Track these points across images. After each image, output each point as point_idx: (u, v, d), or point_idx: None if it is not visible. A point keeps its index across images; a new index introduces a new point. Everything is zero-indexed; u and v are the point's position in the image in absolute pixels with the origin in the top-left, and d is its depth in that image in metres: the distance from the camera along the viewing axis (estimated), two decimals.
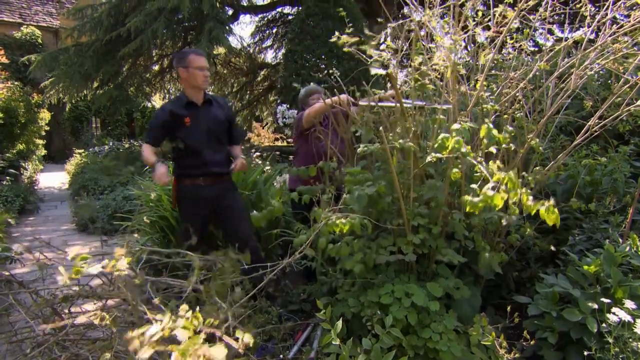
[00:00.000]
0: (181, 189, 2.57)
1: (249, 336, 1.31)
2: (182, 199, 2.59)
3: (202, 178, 2.54)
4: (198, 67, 2.43)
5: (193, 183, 2.54)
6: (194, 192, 2.54)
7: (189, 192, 2.55)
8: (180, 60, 2.46)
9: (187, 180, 2.55)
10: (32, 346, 1.47)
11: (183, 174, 2.56)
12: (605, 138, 3.08)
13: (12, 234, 4.97)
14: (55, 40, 15.37)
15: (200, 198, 2.54)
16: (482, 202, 1.27)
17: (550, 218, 1.23)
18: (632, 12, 1.93)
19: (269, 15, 11.10)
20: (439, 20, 2.00)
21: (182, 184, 2.56)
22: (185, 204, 2.59)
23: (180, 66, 2.44)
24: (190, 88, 2.48)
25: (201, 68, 2.44)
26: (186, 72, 2.43)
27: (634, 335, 1.57)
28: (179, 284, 1.69)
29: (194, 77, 2.43)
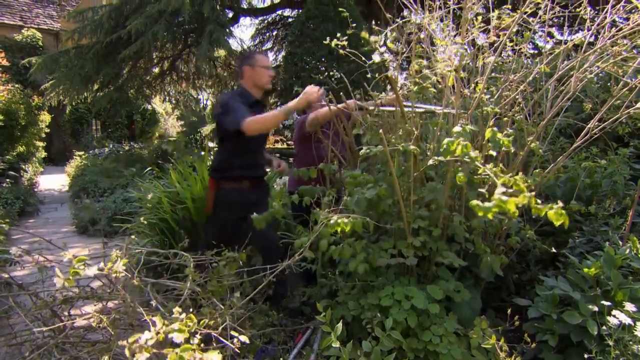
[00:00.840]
0: (222, 193, 2.45)
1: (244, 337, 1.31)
2: (221, 203, 2.45)
3: (248, 181, 2.46)
4: (264, 66, 2.42)
5: (235, 187, 2.44)
6: (237, 196, 2.44)
7: (232, 196, 2.44)
8: (246, 59, 2.46)
9: (229, 184, 2.44)
10: (32, 349, 1.46)
11: (227, 176, 2.44)
12: (605, 140, 3.08)
13: (11, 236, 4.96)
14: (55, 42, 15.41)
15: (242, 203, 2.41)
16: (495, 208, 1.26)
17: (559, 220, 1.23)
18: (631, 16, 1.94)
19: (269, 18, 11.13)
20: (439, 23, 2.00)
21: (224, 188, 2.45)
22: (223, 210, 2.44)
23: (246, 64, 2.42)
24: (253, 87, 2.45)
25: (267, 67, 2.44)
26: (252, 70, 2.40)
27: (635, 338, 1.57)
28: (178, 285, 1.69)
29: (260, 76, 2.41)
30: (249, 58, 2.46)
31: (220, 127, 2.42)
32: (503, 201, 1.23)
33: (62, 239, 5.09)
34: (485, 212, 1.29)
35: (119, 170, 7.92)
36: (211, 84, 11.42)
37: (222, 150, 2.47)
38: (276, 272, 1.79)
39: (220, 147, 2.50)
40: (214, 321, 1.41)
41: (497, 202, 1.24)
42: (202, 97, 15.22)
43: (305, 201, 2.24)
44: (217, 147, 2.52)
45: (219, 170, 2.47)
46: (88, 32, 7.43)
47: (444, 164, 1.95)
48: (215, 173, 2.49)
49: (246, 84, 2.46)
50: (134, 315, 1.45)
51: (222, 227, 2.44)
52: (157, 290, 1.79)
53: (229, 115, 2.26)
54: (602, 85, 3.39)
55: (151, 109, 15.49)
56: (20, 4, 16.09)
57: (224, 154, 2.46)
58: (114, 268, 1.34)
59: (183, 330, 1.17)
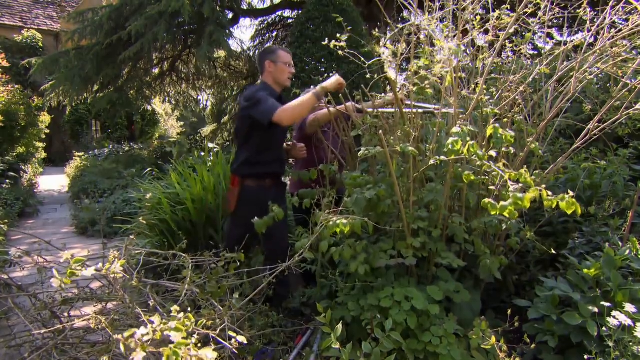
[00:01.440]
0: (247, 191, 2.41)
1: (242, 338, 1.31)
2: (246, 201, 2.40)
3: (270, 179, 2.45)
4: (286, 62, 2.39)
5: (259, 185, 2.42)
6: (262, 194, 2.39)
7: (256, 194, 2.40)
8: (269, 54, 2.41)
9: (253, 181, 2.41)
10: (31, 350, 1.46)
11: (253, 174, 2.40)
12: (605, 141, 3.09)
13: (11, 237, 4.96)
14: (55, 43, 15.42)
15: (265, 201, 2.33)
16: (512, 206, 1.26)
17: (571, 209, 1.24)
18: (631, 17, 1.94)
19: (269, 19, 11.13)
20: (439, 24, 2.00)
21: (249, 185, 2.41)
22: (248, 208, 2.34)
23: (268, 59, 2.38)
24: (274, 83, 2.41)
25: (289, 64, 2.41)
26: (274, 66, 2.37)
27: (635, 339, 1.57)
28: (176, 287, 1.69)
29: (281, 72, 2.38)
30: (271, 53, 2.41)
31: (245, 123, 2.36)
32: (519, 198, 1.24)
33: (61, 239, 5.09)
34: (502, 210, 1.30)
35: (118, 171, 7.91)
36: (211, 84, 11.43)
37: (248, 147, 2.41)
38: (276, 273, 1.79)
39: (244, 144, 2.44)
40: (212, 322, 1.41)
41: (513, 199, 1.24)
42: (202, 98, 15.23)
43: (305, 204, 2.24)
44: (240, 144, 2.47)
45: (244, 166, 2.42)
46: (88, 33, 7.43)
47: (444, 165, 1.95)
48: (241, 170, 2.43)
49: (267, 79, 2.42)
50: (133, 316, 1.45)
51: (247, 226, 2.32)
52: (156, 291, 1.79)
53: (259, 107, 2.22)
54: (601, 86, 3.39)
55: (151, 109, 15.47)
56: (20, 5, 16.10)
57: (250, 151, 2.40)
58: (112, 269, 1.34)
59: (180, 329, 1.17)
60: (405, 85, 2.12)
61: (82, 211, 5.70)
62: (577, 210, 1.25)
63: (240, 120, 2.45)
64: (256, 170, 2.41)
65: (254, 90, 2.34)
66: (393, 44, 1.98)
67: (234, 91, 11.38)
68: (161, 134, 16.45)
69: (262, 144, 2.36)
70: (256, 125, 2.28)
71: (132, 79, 8.87)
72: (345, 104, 2.33)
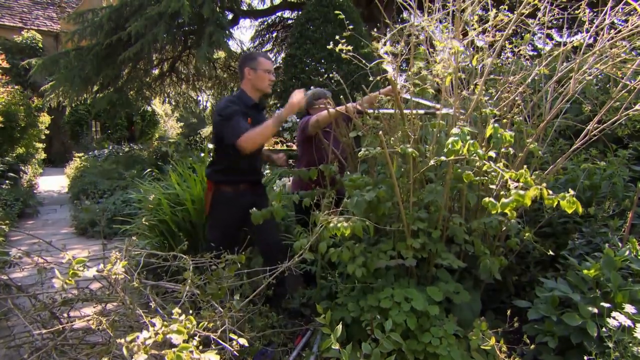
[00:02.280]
0: (219, 195, 2.44)
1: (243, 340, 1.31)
2: (218, 205, 2.45)
3: (245, 184, 2.47)
4: (266, 70, 2.39)
5: (233, 189, 2.44)
6: (234, 198, 2.43)
7: (229, 198, 2.44)
8: (249, 60, 2.40)
9: (226, 187, 2.44)
10: (31, 351, 1.46)
11: (225, 180, 2.45)
12: (604, 142, 3.09)
13: (10, 237, 4.96)
14: (55, 44, 15.43)
15: (239, 205, 2.39)
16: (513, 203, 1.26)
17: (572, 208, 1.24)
18: (630, 18, 1.94)
19: (269, 20, 11.15)
20: (439, 25, 2.01)
21: (221, 190, 2.45)
22: (221, 211, 2.44)
23: (247, 66, 2.38)
24: (253, 90, 2.43)
25: (269, 71, 2.41)
26: (253, 73, 2.37)
27: (634, 339, 1.57)
28: (177, 288, 1.69)
29: (261, 80, 2.39)
30: (251, 60, 2.41)
31: (218, 133, 2.40)
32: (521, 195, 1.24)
33: (61, 240, 5.08)
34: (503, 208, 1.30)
35: (118, 172, 7.91)
36: (211, 85, 11.43)
37: (221, 153, 2.45)
38: (275, 274, 1.79)
39: (219, 150, 2.47)
40: (213, 324, 1.41)
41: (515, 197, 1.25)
42: (202, 99, 15.23)
43: (304, 202, 2.24)
44: (216, 150, 2.49)
45: (218, 173, 2.47)
46: (88, 34, 7.44)
47: (444, 165, 1.95)
48: (214, 176, 2.48)
49: (245, 86, 2.44)
50: (133, 317, 1.45)
51: (223, 229, 2.43)
52: (156, 292, 1.79)
53: (227, 127, 2.26)
54: (601, 87, 3.39)
55: (151, 110, 15.50)
56: (20, 5, 16.10)
57: (222, 158, 2.45)
58: (113, 270, 1.34)
59: (182, 331, 1.17)
60: (405, 86, 2.12)
61: (82, 212, 5.70)
62: (577, 209, 1.25)
63: (214, 129, 2.47)
64: (229, 177, 2.45)
65: (226, 103, 2.35)
66: (393, 45, 1.98)
67: (234, 92, 11.37)
68: (161, 134, 16.46)
69: (235, 153, 2.34)
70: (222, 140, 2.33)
71: (131, 80, 8.88)
72: (346, 105, 2.33)
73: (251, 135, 2.21)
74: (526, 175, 1.29)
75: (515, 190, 1.25)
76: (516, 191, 1.25)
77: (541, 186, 1.22)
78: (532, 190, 1.23)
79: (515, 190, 1.25)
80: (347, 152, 2.53)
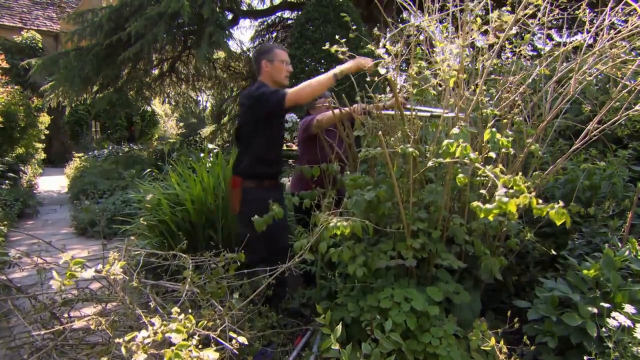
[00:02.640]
0: (249, 192, 2.36)
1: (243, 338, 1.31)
2: (249, 202, 2.34)
3: (268, 181, 2.42)
4: (283, 60, 2.36)
5: (258, 185, 2.38)
6: (259, 194, 2.33)
7: (256, 194, 2.35)
8: (265, 53, 2.37)
9: (251, 182, 2.36)
10: (31, 351, 1.46)
11: (256, 174, 2.37)
12: (604, 142, 3.09)
13: (10, 238, 4.96)
14: (55, 44, 15.42)
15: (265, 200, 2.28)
16: (496, 209, 1.26)
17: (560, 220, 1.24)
18: (630, 18, 1.94)
19: (269, 20, 11.14)
20: (438, 26, 2.01)
21: (249, 187, 2.36)
22: (250, 208, 2.27)
23: (264, 58, 2.35)
24: (272, 82, 2.37)
25: (286, 62, 2.38)
26: (270, 65, 2.34)
27: (634, 339, 1.57)
28: (177, 287, 1.69)
29: (278, 71, 2.35)
30: (267, 52, 2.37)
31: (250, 122, 2.33)
32: (504, 202, 1.24)
33: (61, 240, 5.08)
34: (487, 213, 1.29)
35: (118, 172, 7.91)
36: (210, 85, 11.43)
37: (254, 147, 2.36)
38: (276, 275, 1.79)
39: (250, 145, 2.38)
40: (212, 323, 1.41)
41: (498, 204, 1.24)
42: (202, 99, 15.23)
43: (305, 204, 2.24)
44: (245, 145, 2.40)
45: (249, 167, 2.38)
46: (88, 34, 7.43)
47: (444, 166, 1.95)
48: (246, 170, 2.39)
49: (264, 79, 2.39)
50: (133, 317, 1.45)
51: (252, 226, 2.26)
52: (156, 292, 1.79)
53: (267, 98, 2.20)
54: (601, 87, 3.39)
55: (150, 110, 15.49)
56: (20, 5, 16.10)
57: (256, 150, 2.36)
58: (112, 270, 1.34)
59: (181, 330, 1.17)
60: (405, 87, 2.12)
61: (82, 212, 5.70)
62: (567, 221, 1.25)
63: (244, 120, 2.41)
64: (260, 170, 2.38)
65: (254, 88, 2.31)
66: (392, 45, 1.98)
67: (234, 92, 11.38)
68: (161, 134, 16.45)
69: (267, 143, 2.33)
70: (262, 124, 2.27)
71: (131, 80, 8.87)
72: (350, 107, 2.33)
73: (305, 85, 2.14)
74: (519, 182, 1.28)
75: (499, 197, 1.24)
76: (499, 198, 1.24)
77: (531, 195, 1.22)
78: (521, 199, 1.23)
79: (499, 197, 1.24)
80: (349, 151, 2.53)
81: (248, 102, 2.31)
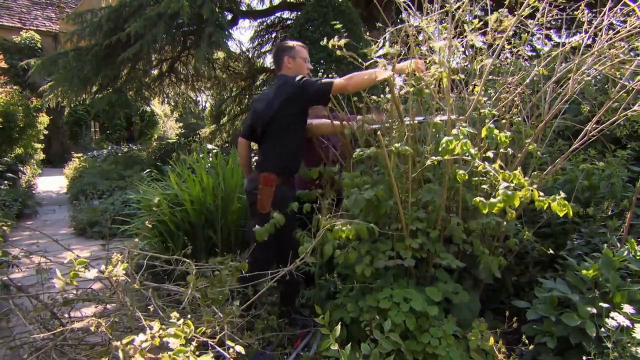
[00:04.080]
0: (281, 190, 2.30)
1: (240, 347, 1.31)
2: (280, 200, 2.25)
3: (291, 177, 2.40)
4: (304, 58, 2.39)
5: (286, 183, 2.34)
6: (289, 192, 2.34)
7: (287, 192, 2.32)
8: (287, 50, 2.39)
9: (281, 179, 2.31)
10: (30, 351, 1.46)
11: (286, 169, 2.33)
12: (603, 142, 3.09)
13: (9, 238, 4.95)
14: (54, 44, 15.39)
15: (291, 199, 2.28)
16: (501, 203, 1.26)
17: (563, 211, 1.24)
18: (629, 18, 1.95)
19: (268, 20, 11.12)
20: (437, 26, 2.01)
21: (281, 184, 2.30)
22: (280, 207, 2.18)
23: (287, 55, 2.37)
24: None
25: (306, 60, 2.41)
26: (293, 62, 2.36)
27: (633, 340, 1.57)
28: (179, 291, 1.69)
29: (301, 68, 2.37)
30: (289, 49, 2.39)
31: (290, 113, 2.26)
32: (508, 195, 1.24)
33: (60, 240, 5.05)
34: (491, 207, 1.29)
35: (117, 172, 7.90)
36: (210, 85, 11.42)
37: (291, 140, 2.32)
38: (277, 278, 1.78)
39: (283, 139, 2.32)
40: (211, 330, 1.41)
41: (503, 197, 1.24)
42: (201, 99, 15.22)
43: (305, 207, 2.22)
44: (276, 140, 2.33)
45: (286, 161, 2.34)
46: (87, 34, 7.43)
47: (442, 165, 1.95)
48: (277, 166, 2.32)
49: (287, 74, 2.38)
50: (132, 319, 1.45)
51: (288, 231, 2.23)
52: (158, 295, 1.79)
53: (309, 83, 2.17)
54: (599, 88, 3.40)
55: (150, 110, 15.48)
56: (19, 5, 16.08)
57: (293, 144, 2.33)
58: (114, 272, 1.34)
59: (179, 335, 1.17)
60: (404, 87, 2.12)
61: (83, 212, 5.69)
62: (568, 213, 1.25)
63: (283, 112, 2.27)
64: (291, 165, 2.36)
65: (291, 80, 2.26)
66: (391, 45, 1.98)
67: (233, 92, 11.38)
68: (160, 135, 16.44)
69: (302, 136, 2.33)
70: (301, 116, 2.28)
71: (131, 80, 8.86)
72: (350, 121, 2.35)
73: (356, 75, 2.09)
74: (519, 177, 1.29)
75: (504, 190, 1.24)
76: (504, 191, 1.24)
77: (532, 188, 1.22)
78: (523, 192, 1.23)
79: (504, 190, 1.25)
80: (346, 153, 2.53)
81: (294, 91, 2.23)
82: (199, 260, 1.90)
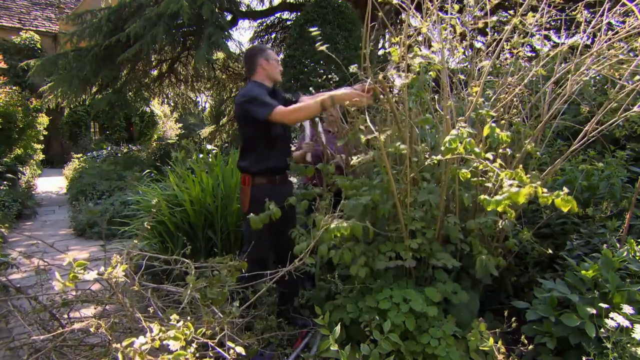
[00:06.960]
0: (257, 190, 2.34)
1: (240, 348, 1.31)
2: (256, 201, 2.28)
3: (278, 176, 2.43)
4: (276, 59, 2.46)
5: (269, 181, 2.38)
6: (270, 192, 2.31)
7: (266, 191, 2.31)
8: (261, 52, 2.45)
9: (262, 179, 2.37)
10: (30, 352, 1.46)
11: (262, 171, 2.37)
12: (602, 143, 3.10)
13: (8, 238, 4.95)
14: (54, 45, 15.39)
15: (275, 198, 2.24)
16: (507, 200, 1.26)
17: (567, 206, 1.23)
18: (627, 19, 1.95)
19: (268, 21, 11.14)
20: (437, 27, 2.01)
21: (258, 183, 2.36)
22: (258, 208, 2.19)
23: (261, 57, 2.43)
24: (268, 80, 2.44)
25: (278, 61, 2.49)
26: (268, 64, 2.42)
27: (632, 340, 1.57)
28: (178, 291, 1.69)
29: (274, 69, 2.44)
30: (262, 51, 2.45)
31: (245, 119, 2.33)
32: (514, 193, 1.24)
33: (60, 241, 5.08)
34: (496, 204, 1.29)
35: (117, 173, 7.90)
36: (210, 86, 11.44)
37: (254, 143, 2.38)
38: (276, 278, 1.78)
39: (250, 141, 2.40)
40: (211, 330, 1.40)
41: (508, 194, 1.24)
42: (201, 100, 15.24)
43: (302, 205, 2.23)
44: (246, 141, 2.43)
45: (255, 163, 2.38)
46: (87, 35, 7.44)
47: (441, 165, 1.95)
48: (252, 167, 2.38)
49: (260, 77, 2.43)
50: (132, 320, 1.45)
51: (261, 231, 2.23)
52: (157, 295, 1.79)
53: (255, 102, 2.23)
54: (599, 88, 3.40)
55: (149, 111, 15.48)
56: (18, 6, 16.08)
57: (260, 147, 2.37)
58: (113, 273, 1.34)
59: (179, 337, 1.17)
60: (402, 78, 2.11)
61: (82, 213, 5.69)
62: (573, 207, 1.25)
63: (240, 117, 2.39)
64: (265, 165, 2.38)
65: (251, 87, 2.35)
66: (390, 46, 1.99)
67: (233, 93, 11.39)
68: (160, 135, 16.44)
69: (269, 139, 2.35)
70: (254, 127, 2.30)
71: (130, 81, 8.87)
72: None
73: (290, 110, 2.17)
74: (521, 174, 1.29)
75: (508, 188, 1.25)
76: (509, 188, 1.25)
77: (536, 184, 1.22)
78: (527, 188, 1.23)
79: (509, 187, 1.25)
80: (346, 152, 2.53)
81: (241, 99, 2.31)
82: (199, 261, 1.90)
